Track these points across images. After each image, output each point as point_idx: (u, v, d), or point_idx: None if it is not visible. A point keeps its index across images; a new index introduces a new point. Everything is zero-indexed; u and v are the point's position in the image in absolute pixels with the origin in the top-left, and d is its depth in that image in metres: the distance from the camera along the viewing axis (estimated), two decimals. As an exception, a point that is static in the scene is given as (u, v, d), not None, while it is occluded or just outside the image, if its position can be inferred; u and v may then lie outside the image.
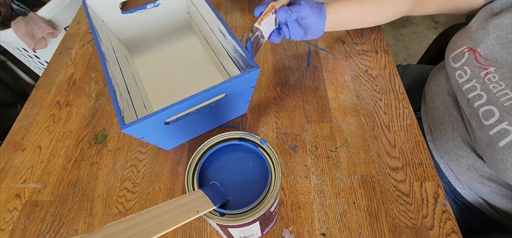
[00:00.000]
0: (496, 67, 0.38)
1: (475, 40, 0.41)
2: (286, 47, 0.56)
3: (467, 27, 0.44)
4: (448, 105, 0.46)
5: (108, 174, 0.43)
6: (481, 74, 0.39)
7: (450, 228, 0.36)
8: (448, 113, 0.46)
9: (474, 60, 0.40)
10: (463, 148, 0.43)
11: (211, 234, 0.37)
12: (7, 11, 1.09)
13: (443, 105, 0.47)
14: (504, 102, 0.35)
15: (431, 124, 0.50)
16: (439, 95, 0.48)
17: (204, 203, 0.26)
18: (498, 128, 0.35)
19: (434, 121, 0.49)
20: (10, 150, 0.46)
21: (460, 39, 0.43)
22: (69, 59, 0.57)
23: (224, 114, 0.44)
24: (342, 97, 0.49)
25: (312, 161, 0.42)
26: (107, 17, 0.50)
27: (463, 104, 0.42)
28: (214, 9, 0.43)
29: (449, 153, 0.46)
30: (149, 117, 0.32)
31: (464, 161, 0.43)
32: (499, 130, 0.35)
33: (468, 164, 0.43)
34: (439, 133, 0.48)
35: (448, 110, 0.46)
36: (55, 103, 0.51)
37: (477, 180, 0.43)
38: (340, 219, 0.38)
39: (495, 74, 0.38)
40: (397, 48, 1.56)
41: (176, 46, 0.57)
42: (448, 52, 0.45)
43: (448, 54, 0.45)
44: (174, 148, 0.45)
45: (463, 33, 0.44)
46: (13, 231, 0.39)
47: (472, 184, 0.44)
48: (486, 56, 0.39)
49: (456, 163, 0.45)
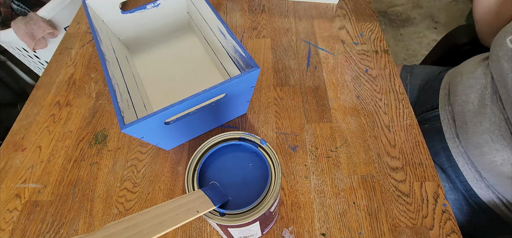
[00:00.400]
0: None
1: None
2: (286, 47, 0.56)
3: None
4: (486, 98, 0.45)
5: (108, 174, 0.43)
6: None
7: (450, 228, 0.36)
8: (485, 105, 0.45)
9: None
10: (501, 142, 0.42)
11: (211, 234, 0.37)
12: (7, 11, 1.09)
13: (480, 97, 0.46)
14: None
15: (461, 118, 0.49)
16: (475, 88, 0.48)
17: (204, 203, 0.26)
18: None
19: (465, 115, 0.48)
20: (10, 150, 0.46)
21: None
22: (69, 59, 0.57)
23: (224, 114, 0.44)
24: (342, 97, 0.49)
25: (312, 161, 0.42)
26: (107, 17, 0.50)
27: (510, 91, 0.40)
28: (214, 9, 0.43)
29: (482, 147, 0.45)
30: (149, 117, 0.32)
31: (499, 155, 0.42)
32: None
33: (503, 158, 0.42)
34: (472, 126, 0.46)
35: (484, 102, 0.45)
36: (55, 103, 0.51)
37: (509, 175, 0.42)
38: (340, 219, 0.38)
39: None
40: (397, 48, 1.56)
41: (176, 46, 0.57)
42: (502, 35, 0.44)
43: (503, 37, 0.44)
44: (174, 148, 0.45)
45: None
46: (13, 231, 0.39)
47: (498, 182, 0.43)
48: None
49: (489, 157, 0.44)
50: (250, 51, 0.56)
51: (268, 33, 0.59)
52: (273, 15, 0.62)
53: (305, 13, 0.63)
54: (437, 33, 1.60)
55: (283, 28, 0.60)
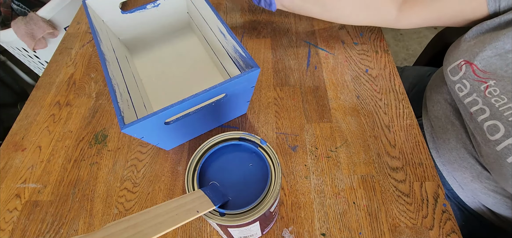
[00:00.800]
0: (496, 80, 0.37)
1: (471, 53, 0.39)
2: (286, 47, 0.56)
3: (462, 39, 0.43)
4: (450, 114, 0.45)
5: (108, 174, 0.43)
6: (481, 88, 0.38)
7: (450, 228, 0.36)
8: (451, 123, 0.45)
9: (472, 73, 0.39)
10: (468, 160, 0.42)
11: (211, 234, 0.37)
12: (7, 11, 1.09)
13: (445, 114, 0.46)
14: (508, 117, 0.34)
15: (433, 132, 0.49)
16: (441, 104, 0.47)
17: (204, 203, 0.26)
18: (505, 143, 0.34)
19: (436, 130, 0.48)
20: (10, 150, 0.46)
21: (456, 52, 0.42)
22: (69, 59, 0.57)
23: (224, 114, 0.44)
24: (342, 97, 0.49)
25: (312, 161, 0.42)
26: (107, 17, 0.50)
27: (466, 117, 0.40)
28: (214, 9, 0.43)
29: (452, 164, 0.45)
30: (149, 117, 0.32)
31: (468, 172, 0.42)
32: (506, 146, 0.34)
33: (472, 175, 0.42)
34: (442, 142, 0.47)
35: (450, 119, 0.45)
36: (55, 103, 0.51)
37: (482, 191, 0.42)
38: (340, 219, 0.38)
39: (496, 87, 0.36)
40: (397, 48, 1.56)
41: (176, 46, 0.57)
42: (445, 64, 0.44)
43: (445, 66, 0.44)
44: (174, 148, 0.45)
45: (458, 45, 0.43)
46: (13, 231, 0.39)
47: (476, 194, 0.43)
48: (484, 69, 0.38)
49: (460, 173, 0.44)
50: (250, 51, 0.56)
51: (268, 33, 0.59)
52: (273, 15, 0.62)
53: (305, 13, 0.63)
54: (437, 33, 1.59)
55: (283, 28, 0.60)
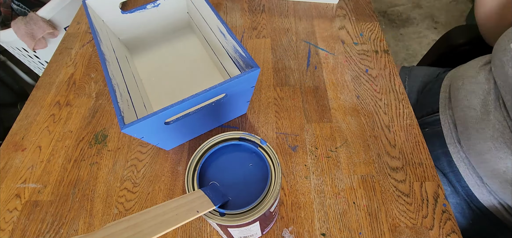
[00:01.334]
0: None
1: None
2: (286, 47, 0.56)
3: None
4: (489, 104, 0.44)
5: (108, 174, 0.43)
6: None
7: (450, 228, 0.36)
8: (488, 112, 0.44)
9: None
10: (503, 150, 0.41)
11: (211, 234, 0.37)
12: (7, 11, 1.09)
13: (482, 103, 0.45)
14: None
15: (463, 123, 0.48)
16: (477, 94, 0.46)
17: (204, 203, 0.26)
18: None
19: (467, 121, 0.47)
20: (10, 150, 0.46)
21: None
22: (69, 59, 0.57)
23: (224, 114, 0.44)
24: (342, 97, 0.49)
25: (312, 161, 0.42)
26: (107, 17, 0.50)
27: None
28: (214, 9, 0.43)
29: (483, 154, 0.44)
30: (149, 117, 0.32)
31: (501, 163, 0.41)
32: None
33: (506, 166, 0.41)
34: (474, 132, 0.45)
35: (488, 109, 0.44)
36: (55, 103, 0.51)
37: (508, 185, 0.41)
38: (340, 219, 0.38)
39: None
40: (397, 48, 1.56)
41: (176, 46, 0.57)
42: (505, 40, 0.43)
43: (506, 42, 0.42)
44: (174, 148, 0.45)
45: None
46: (13, 231, 0.39)
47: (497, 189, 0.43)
48: None
49: (488, 165, 0.43)
50: (250, 51, 0.56)
51: (268, 33, 0.59)
52: (273, 15, 0.62)
53: (305, 13, 0.63)
54: (437, 33, 1.60)
55: (283, 28, 0.60)
